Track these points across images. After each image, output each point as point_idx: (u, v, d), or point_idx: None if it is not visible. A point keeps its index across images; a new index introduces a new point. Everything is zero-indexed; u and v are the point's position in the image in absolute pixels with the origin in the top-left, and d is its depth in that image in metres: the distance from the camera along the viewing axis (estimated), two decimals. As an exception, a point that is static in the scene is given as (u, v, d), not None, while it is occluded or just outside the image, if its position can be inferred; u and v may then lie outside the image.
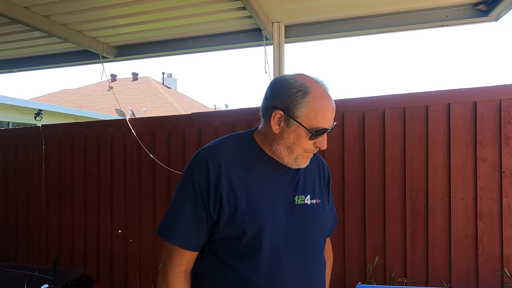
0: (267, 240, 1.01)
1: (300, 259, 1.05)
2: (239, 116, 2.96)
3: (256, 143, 1.08)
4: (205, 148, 1.10)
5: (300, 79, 1.02)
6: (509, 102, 2.40)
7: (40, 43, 3.35)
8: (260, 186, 1.04)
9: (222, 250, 1.04)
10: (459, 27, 2.96)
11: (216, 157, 1.04)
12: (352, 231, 2.64)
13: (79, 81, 67.25)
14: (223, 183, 1.01)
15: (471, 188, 2.44)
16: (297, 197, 1.07)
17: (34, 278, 2.09)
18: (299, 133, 1.00)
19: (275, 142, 1.03)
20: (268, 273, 1.01)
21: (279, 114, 1.01)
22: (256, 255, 1.01)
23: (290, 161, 1.04)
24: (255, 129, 1.12)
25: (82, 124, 3.66)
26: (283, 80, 1.03)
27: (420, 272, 2.51)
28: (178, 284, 1.03)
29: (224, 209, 1.00)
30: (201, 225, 1.03)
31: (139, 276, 3.20)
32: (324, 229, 1.15)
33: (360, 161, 2.64)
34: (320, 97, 1.00)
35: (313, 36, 2.98)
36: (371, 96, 2.68)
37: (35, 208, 3.54)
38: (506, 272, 2.36)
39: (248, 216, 1.00)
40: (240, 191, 1.02)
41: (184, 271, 1.05)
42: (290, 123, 1.00)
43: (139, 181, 3.21)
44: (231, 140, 1.12)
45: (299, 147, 1.02)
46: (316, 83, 1.02)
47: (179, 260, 1.04)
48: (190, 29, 3.08)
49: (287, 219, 1.04)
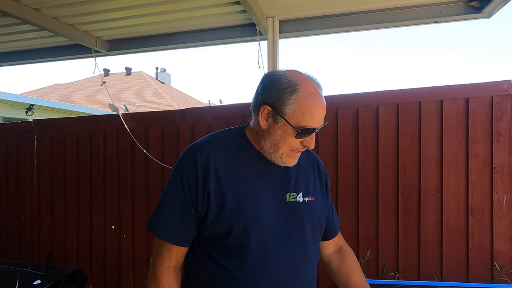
0: (254, 238, 1.00)
1: (289, 257, 1.03)
2: (233, 112, 2.95)
3: (247, 139, 1.07)
4: (195, 144, 1.09)
5: (291, 75, 0.99)
6: (501, 99, 2.42)
7: (31, 36, 3.30)
8: (249, 183, 1.03)
9: (210, 246, 1.04)
10: (452, 24, 2.97)
11: (204, 154, 1.03)
12: (345, 226, 2.65)
13: (72, 76, 66.51)
14: (211, 180, 1.01)
15: (463, 184, 2.46)
16: (288, 194, 1.06)
17: (27, 274, 2.07)
18: (285, 131, 0.99)
19: (263, 138, 1.03)
20: (255, 270, 1.00)
21: (267, 109, 1.00)
22: (243, 252, 1.00)
23: (276, 159, 1.03)
24: (247, 124, 1.11)
25: (74, 119, 3.62)
26: (274, 75, 1.02)
27: (412, 266, 2.54)
28: (166, 279, 1.03)
29: (211, 206, 1.00)
30: (190, 221, 1.02)
31: (132, 271, 3.19)
32: (317, 227, 1.13)
33: (354, 157, 2.65)
34: (309, 95, 0.97)
35: (307, 32, 2.97)
36: (365, 92, 2.69)
37: (27, 203, 3.51)
38: (496, 266, 2.40)
39: (236, 213, 1.00)
40: (228, 188, 1.01)
41: (173, 266, 1.05)
42: (277, 119, 0.98)
43: (132, 176, 3.19)
44: (221, 136, 1.11)
45: (285, 145, 1.00)
46: (308, 81, 1.00)
47: (168, 255, 1.04)
48: (184, 23, 3.05)
49: (276, 217, 1.03)
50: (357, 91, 2.48)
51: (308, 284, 1.10)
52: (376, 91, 2.68)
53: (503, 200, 2.40)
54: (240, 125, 1.13)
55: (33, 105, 9.50)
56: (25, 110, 9.35)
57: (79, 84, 18.88)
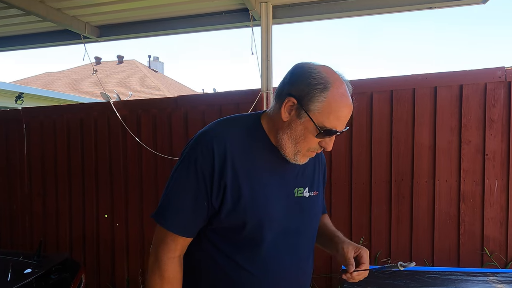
0: (267, 233, 0.98)
1: (295, 252, 1.04)
2: (226, 99, 2.92)
3: (263, 130, 1.01)
4: (210, 131, 1.02)
5: (324, 71, 0.94)
6: (494, 86, 2.42)
7: (17, 21, 3.19)
8: (263, 177, 0.99)
9: (219, 238, 1.01)
10: (447, 9, 2.94)
11: (222, 143, 0.97)
12: (339, 213, 2.67)
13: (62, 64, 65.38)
14: (228, 173, 0.95)
15: (455, 171, 2.48)
16: (296, 189, 1.04)
17: (18, 263, 2.06)
18: (307, 128, 0.94)
19: (281, 130, 0.97)
20: (264, 264, 0.99)
21: (291, 101, 0.94)
22: (254, 246, 0.99)
23: (290, 155, 0.98)
24: (264, 112, 1.05)
25: (64, 107, 3.56)
26: (306, 68, 0.95)
27: (404, 252, 2.57)
28: (171, 269, 0.99)
29: (227, 200, 0.96)
30: (201, 213, 0.98)
31: (126, 260, 3.19)
32: (318, 220, 1.15)
33: (348, 145, 2.65)
34: (339, 96, 0.92)
35: (301, 17, 2.92)
36: (359, 79, 2.67)
37: (18, 193, 3.47)
38: (486, 251, 2.44)
39: (250, 208, 0.97)
40: (244, 182, 0.96)
41: (178, 256, 1.01)
42: (301, 114, 0.93)
43: (125, 164, 3.16)
44: (237, 124, 1.04)
45: (304, 143, 0.96)
46: (340, 81, 0.95)
47: (174, 245, 0.99)
48: (175, 8, 2.98)
49: (286, 212, 1.02)
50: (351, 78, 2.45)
51: (309, 276, 1.12)
52: (370, 78, 2.66)
53: (494, 186, 2.43)
54: (256, 112, 1.08)
55: (22, 94, 9.32)
56: (15, 99, 9.18)
57: (70, 73, 18.57)
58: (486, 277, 1.76)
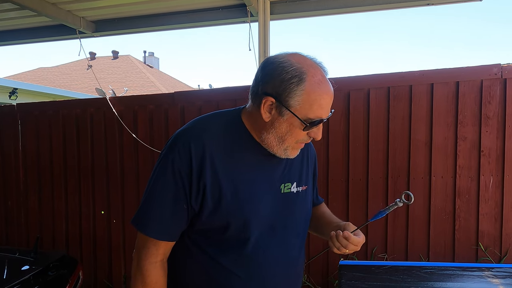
0: (252, 231, 0.96)
1: (285, 250, 1.01)
2: (223, 95, 2.91)
3: (244, 127, 0.98)
4: (188, 130, 0.99)
5: (295, 61, 0.90)
6: (490, 82, 2.44)
7: (12, 16, 3.16)
8: (246, 175, 0.96)
9: (203, 240, 0.97)
10: (444, 6, 2.94)
11: (199, 142, 0.93)
12: (336, 209, 2.68)
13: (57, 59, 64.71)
14: (206, 173, 0.92)
15: (451, 167, 2.50)
16: (283, 185, 1.01)
17: (15, 260, 2.05)
18: (292, 123, 0.91)
19: (265, 131, 0.94)
20: (250, 265, 0.97)
21: (270, 101, 0.90)
22: (239, 246, 0.96)
23: (279, 151, 0.95)
24: (243, 107, 1.01)
25: (59, 103, 3.53)
26: (276, 62, 0.91)
27: (400, 248, 2.60)
28: (154, 274, 0.96)
29: (207, 201, 0.92)
30: (181, 216, 0.95)
31: (123, 256, 3.19)
32: (308, 215, 1.11)
33: (344, 141, 2.65)
34: (316, 84, 0.89)
35: (299, 13, 2.92)
36: (356, 75, 2.67)
37: (13, 190, 3.44)
38: (481, 246, 2.47)
39: (233, 208, 0.93)
40: (225, 182, 0.93)
41: (160, 260, 0.97)
42: (283, 112, 0.90)
43: (121, 161, 3.14)
44: (217, 121, 1.00)
45: (292, 138, 0.93)
46: (314, 67, 0.91)
47: (156, 249, 0.96)
48: (173, 3, 2.96)
49: (272, 209, 0.99)
50: (348, 75, 2.46)
51: (300, 274, 1.10)
52: (367, 75, 2.67)
53: (489, 182, 2.45)
54: (235, 108, 1.04)
55: (16, 89, 9.22)
56: (8, 94, 9.07)
57: (65, 68, 18.39)
58: (482, 272, 1.78)
